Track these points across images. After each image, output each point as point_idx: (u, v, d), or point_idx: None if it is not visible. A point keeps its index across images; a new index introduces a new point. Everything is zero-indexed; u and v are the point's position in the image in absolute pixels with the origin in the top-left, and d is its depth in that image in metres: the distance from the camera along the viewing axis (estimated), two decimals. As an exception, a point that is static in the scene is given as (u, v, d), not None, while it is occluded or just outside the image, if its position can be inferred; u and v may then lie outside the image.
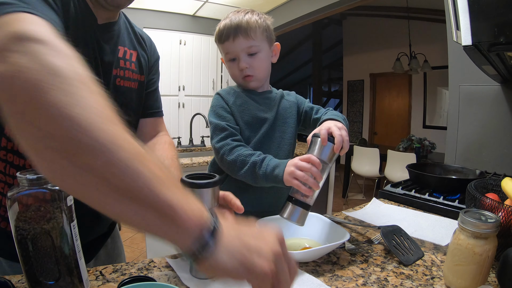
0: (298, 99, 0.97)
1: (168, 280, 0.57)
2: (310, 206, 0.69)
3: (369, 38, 5.72)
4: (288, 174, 0.69)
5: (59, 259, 0.46)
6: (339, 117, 0.81)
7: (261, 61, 0.86)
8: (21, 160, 0.62)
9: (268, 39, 0.87)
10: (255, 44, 0.84)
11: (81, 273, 0.49)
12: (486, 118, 1.40)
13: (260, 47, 0.85)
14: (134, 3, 0.72)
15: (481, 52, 0.75)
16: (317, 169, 0.68)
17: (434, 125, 4.95)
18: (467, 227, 0.53)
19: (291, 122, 0.92)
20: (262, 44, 0.86)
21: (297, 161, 0.70)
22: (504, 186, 0.70)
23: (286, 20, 3.41)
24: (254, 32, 0.83)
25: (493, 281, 0.58)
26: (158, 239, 0.33)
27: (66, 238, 0.47)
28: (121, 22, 0.73)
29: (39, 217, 0.45)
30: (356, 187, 4.81)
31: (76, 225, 0.49)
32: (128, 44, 0.74)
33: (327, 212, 2.90)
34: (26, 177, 0.44)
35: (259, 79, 0.88)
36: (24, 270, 0.47)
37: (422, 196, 1.04)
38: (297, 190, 0.68)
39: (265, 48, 0.87)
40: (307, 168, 0.68)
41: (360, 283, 0.58)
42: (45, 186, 0.45)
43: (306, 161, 0.69)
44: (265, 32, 0.86)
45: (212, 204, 0.54)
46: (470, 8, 0.66)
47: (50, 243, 0.45)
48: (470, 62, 1.03)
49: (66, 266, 0.47)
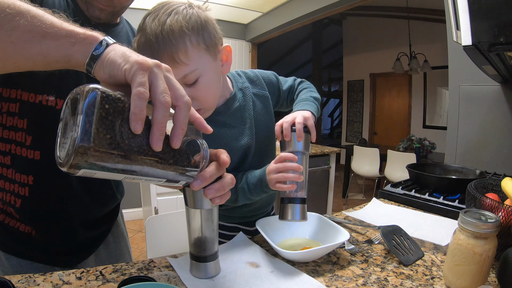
0: (266, 80, 0.83)
1: (168, 280, 0.57)
2: (305, 198, 0.70)
3: (369, 38, 5.72)
4: (270, 182, 0.70)
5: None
6: (308, 106, 0.76)
7: (206, 87, 0.64)
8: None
9: (209, 50, 0.63)
10: (190, 70, 0.60)
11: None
12: (486, 118, 1.40)
13: (200, 70, 0.62)
14: (134, 3, 0.73)
15: (481, 52, 0.75)
16: (293, 163, 0.67)
17: (434, 125, 4.95)
18: (467, 227, 0.53)
19: (270, 120, 0.83)
20: (202, 63, 0.62)
21: (272, 165, 0.70)
22: (504, 186, 0.70)
23: (286, 20, 3.40)
24: (184, 54, 0.59)
25: (493, 281, 0.58)
26: (71, 62, 0.42)
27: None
28: (121, 26, 0.76)
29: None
30: (356, 187, 4.81)
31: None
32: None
33: (327, 212, 2.90)
34: None
35: (209, 108, 0.68)
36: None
37: (422, 196, 1.04)
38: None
39: (207, 67, 0.63)
40: (282, 168, 0.68)
41: (360, 283, 0.58)
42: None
43: (280, 161, 0.69)
44: (202, 41, 0.61)
45: (212, 204, 0.54)
46: (470, 8, 0.66)
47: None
48: (470, 62, 1.03)
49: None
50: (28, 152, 0.66)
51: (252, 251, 0.68)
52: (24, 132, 0.65)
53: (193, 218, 0.55)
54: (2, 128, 0.65)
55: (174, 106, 0.39)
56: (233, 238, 0.75)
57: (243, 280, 0.57)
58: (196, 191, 0.53)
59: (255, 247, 0.71)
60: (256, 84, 0.82)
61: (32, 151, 0.66)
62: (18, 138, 0.65)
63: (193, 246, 0.57)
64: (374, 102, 5.98)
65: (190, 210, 0.55)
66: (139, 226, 3.09)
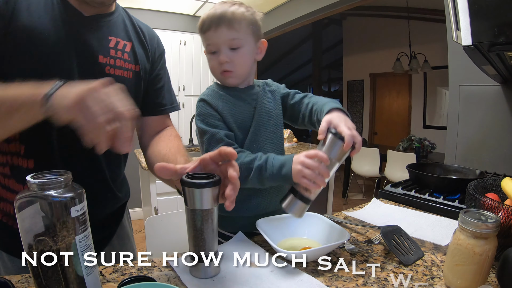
0: (278, 87, 0.93)
1: (168, 280, 0.57)
2: (311, 201, 0.68)
3: (369, 38, 5.72)
4: (296, 173, 0.67)
5: (64, 273, 0.45)
6: (342, 110, 0.76)
7: (244, 56, 0.80)
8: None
9: (254, 34, 0.81)
10: (238, 37, 0.77)
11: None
12: (486, 118, 1.40)
13: (244, 41, 0.79)
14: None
15: (481, 52, 0.75)
16: (325, 167, 0.65)
17: (434, 125, 4.94)
18: (467, 227, 0.53)
19: (279, 114, 0.89)
20: (247, 38, 0.79)
21: (304, 158, 0.67)
22: (504, 186, 0.70)
23: (286, 20, 3.40)
24: (238, 23, 0.77)
25: (493, 281, 0.58)
26: (28, 119, 0.52)
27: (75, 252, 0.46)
28: (116, 15, 0.76)
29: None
30: (356, 187, 4.81)
31: (86, 237, 0.47)
32: (123, 35, 0.76)
33: (327, 212, 2.89)
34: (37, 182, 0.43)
35: (238, 76, 0.82)
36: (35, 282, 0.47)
37: (422, 196, 1.04)
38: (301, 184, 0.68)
39: (249, 43, 0.80)
40: (315, 166, 0.65)
41: (360, 283, 0.58)
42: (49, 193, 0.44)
43: (313, 157, 0.66)
44: (251, 25, 0.80)
45: (212, 204, 0.54)
46: (470, 8, 0.66)
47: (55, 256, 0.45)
48: (470, 62, 1.03)
49: (70, 280, 0.46)
50: (23, 162, 0.66)
51: (252, 251, 0.68)
52: (17, 142, 0.66)
53: (193, 218, 0.55)
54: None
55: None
56: (233, 238, 0.75)
57: (243, 280, 0.57)
58: (196, 190, 0.53)
59: (255, 247, 0.71)
60: (269, 85, 0.93)
61: (25, 160, 0.66)
62: (13, 148, 0.66)
63: (193, 246, 0.57)
64: (374, 102, 5.98)
65: (190, 210, 0.55)
66: (139, 226, 3.08)
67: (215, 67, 0.81)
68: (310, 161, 0.66)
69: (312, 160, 0.66)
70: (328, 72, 7.87)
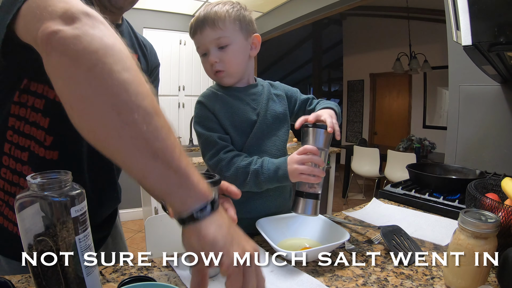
0: (287, 90, 0.92)
1: (168, 280, 0.57)
2: (320, 194, 0.71)
3: (369, 38, 5.71)
4: (293, 172, 0.70)
5: (64, 273, 0.46)
6: (331, 105, 0.82)
7: (233, 54, 0.78)
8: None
9: (242, 30, 0.80)
10: (224, 35, 0.77)
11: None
12: (486, 118, 1.40)
13: (231, 38, 0.78)
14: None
15: (481, 52, 0.75)
16: (318, 157, 0.69)
17: (434, 125, 4.94)
18: (467, 227, 0.53)
19: (285, 117, 0.88)
20: (234, 35, 0.78)
21: (296, 156, 0.70)
22: (504, 186, 0.70)
23: (286, 20, 3.40)
24: (222, 22, 0.76)
25: (493, 281, 0.58)
26: (165, 197, 0.40)
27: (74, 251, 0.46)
28: (123, 26, 0.78)
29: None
30: (356, 187, 4.81)
31: (86, 237, 0.47)
32: (130, 46, 0.77)
33: (327, 212, 2.90)
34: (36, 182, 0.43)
35: (231, 74, 0.81)
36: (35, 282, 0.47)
37: (422, 196, 1.04)
38: (303, 183, 0.70)
39: (238, 40, 0.79)
40: (307, 159, 0.69)
41: (360, 283, 0.58)
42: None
43: (304, 153, 0.70)
44: (238, 21, 0.78)
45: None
46: (470, 8, 0.66)
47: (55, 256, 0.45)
48: (470, 62, 1.03)
49: (70, 280, 0.46)
50: (47, 153, 0.64)
51: (252, 251, 0.68)
52: (44, 132, 0.63)
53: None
54: (25, 122, 0.63)
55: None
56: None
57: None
58: None
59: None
60: (276, 88, 0.92)
61: (50, 151, 0.64)
62: (39, 136, 0.63)
63: (193, 246, 0.57)
64: (374, 102, 5.98)
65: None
66: (139, 226, 3.09)
67: (208, 69, 0.82)
68: (301, 156, 0.70)
69: (304, 155, 0.70)
70: (328, 72, 7.87)
